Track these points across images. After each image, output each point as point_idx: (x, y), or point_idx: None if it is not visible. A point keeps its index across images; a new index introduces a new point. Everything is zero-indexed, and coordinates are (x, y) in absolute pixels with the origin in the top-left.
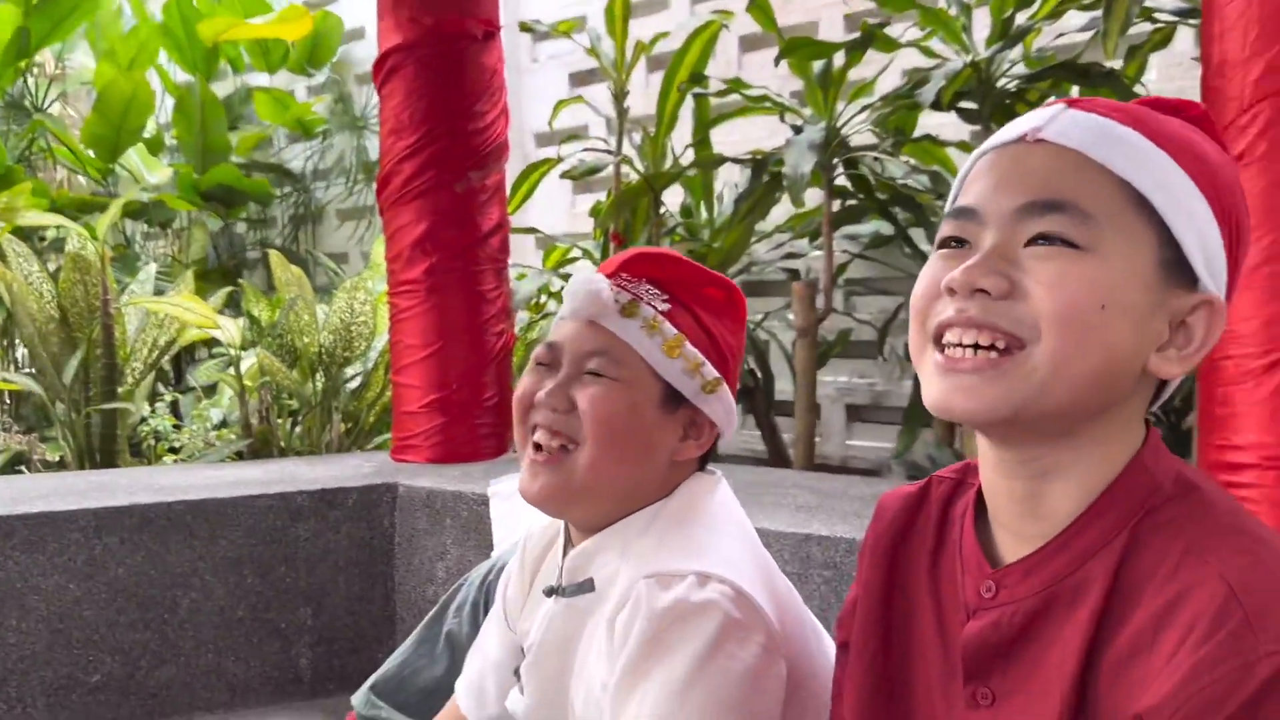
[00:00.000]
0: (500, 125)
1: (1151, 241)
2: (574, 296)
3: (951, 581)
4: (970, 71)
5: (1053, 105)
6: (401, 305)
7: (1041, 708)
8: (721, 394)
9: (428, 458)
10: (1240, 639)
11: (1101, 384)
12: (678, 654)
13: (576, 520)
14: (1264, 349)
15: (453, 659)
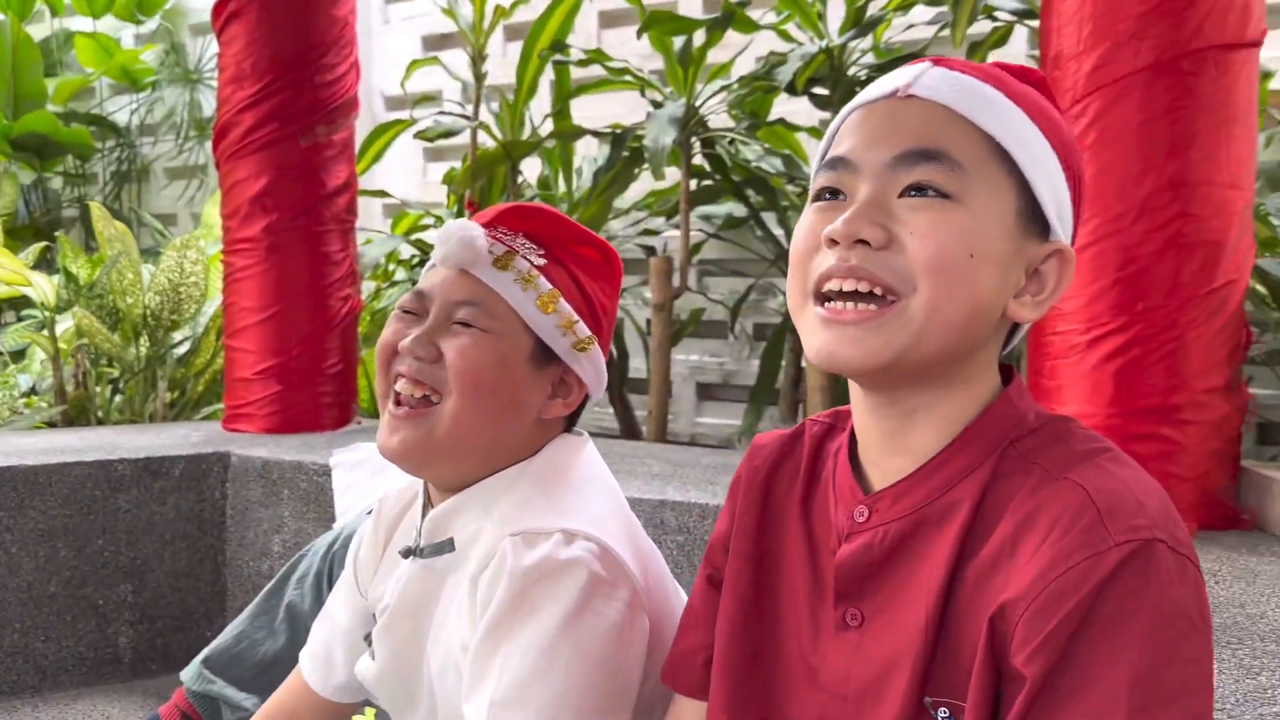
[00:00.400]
0: (350, 79)
1: (1011, 192)
2: (446, 243)
3: (823, 513)
4: (824, 57)
5: (919, 63)
6: (237, 265)
7: (908, 622)
8: (593, 354)
9: (263, 427)
10: (1093, 532)
11: (969, 329)
12: (544, 612)
13: (436, 478)
14: (1087, 326)
15: (293, 631)
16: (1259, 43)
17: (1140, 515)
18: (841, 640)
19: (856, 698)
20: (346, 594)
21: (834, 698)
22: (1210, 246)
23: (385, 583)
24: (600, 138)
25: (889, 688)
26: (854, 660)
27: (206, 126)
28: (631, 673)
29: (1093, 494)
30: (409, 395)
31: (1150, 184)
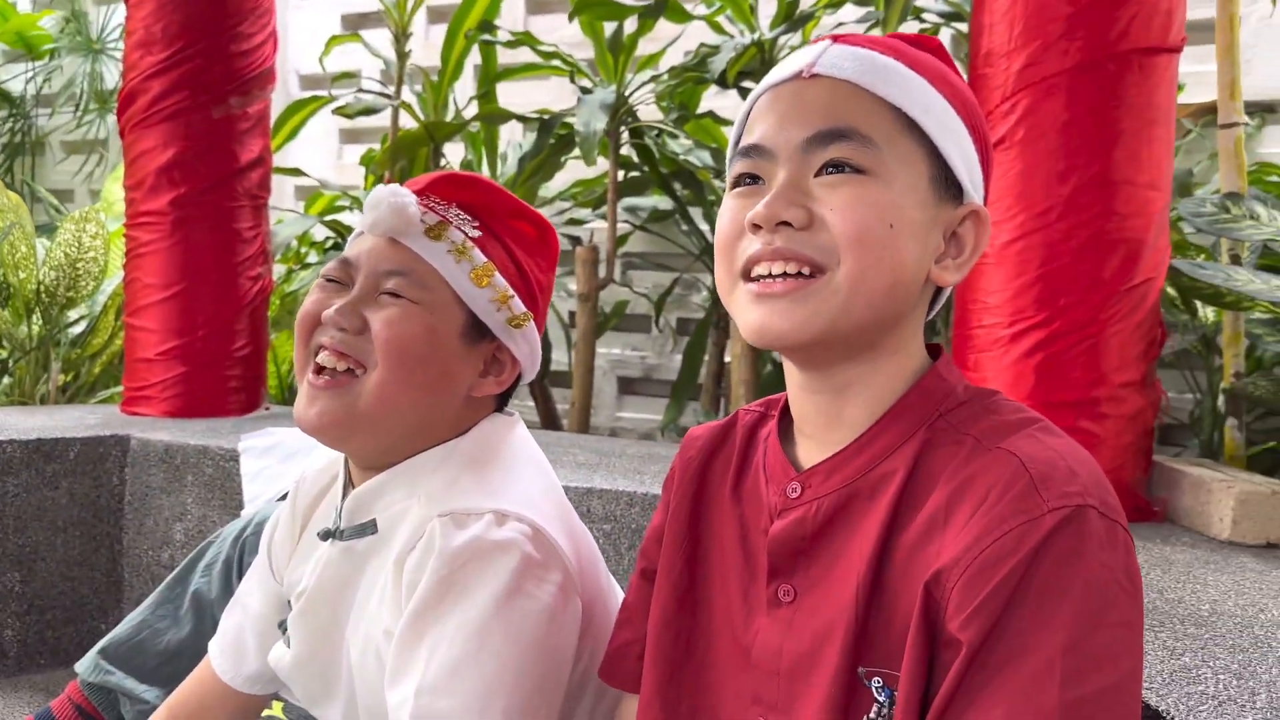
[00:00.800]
0: (267, 50)
1: (923, 161)
2: (375, 208)
3: (755, 495)
4: (755, 50)
5: (818, 43)
6: (141, 239)
7: (840, 594)
8: (528, 331)
9: (165, 411)
10: (1026, 499)
11: (894, 297)
12: (475, 595)
13: (357, 453)
14: (1011, 320)
15: (199, 620)
16: (1179, 49)
17: (1072, 482)
18: (774, 617)
19: (788, 673)
20: (260, 580)
21: (766, 674)
22: (1131, 244)
23: (302, 567)
24: (527, 123)
25: (820, 660)
26: (786, 636)
27: (109, 99)
28: (564, 656)
29: (1026, 462)
30: (332, 367)
31: (1075, 181)
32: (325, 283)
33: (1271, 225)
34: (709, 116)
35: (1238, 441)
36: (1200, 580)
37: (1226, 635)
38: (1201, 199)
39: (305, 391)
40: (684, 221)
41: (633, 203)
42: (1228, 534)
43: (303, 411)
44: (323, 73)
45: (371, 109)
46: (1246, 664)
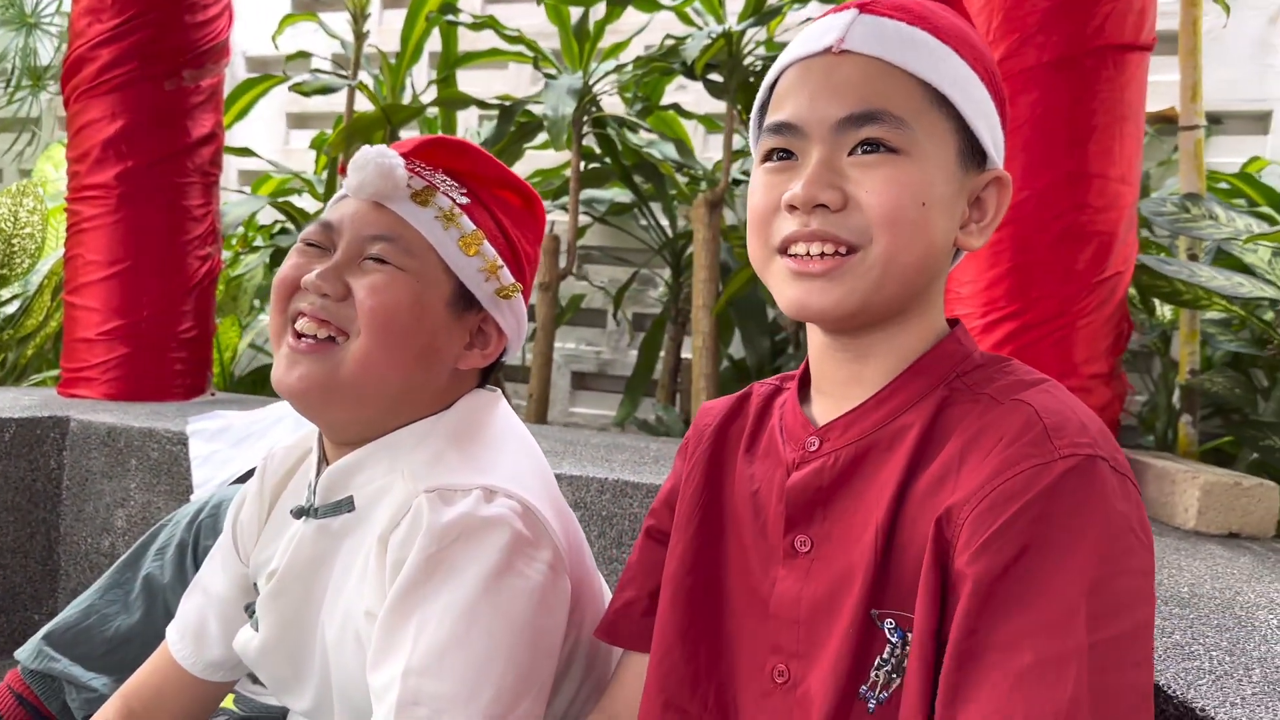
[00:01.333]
0: (223, 23)
1: (951, 134)
2: (361, 170)
3: (769, 453)
4: (723, 42)
5: (844, 11)
6: (84, 213)
7: (857, 541)
8: (515, 303)
9: (105, 393)
10: (1039, 444)
11: (925, 269)
12: (464, 573)
13: (336, 425)
14: (984, 310)
15: (150, 605)
16: (1150, 47)
17: (1084, 434)
18: (792, 567)
19: (808, 619)
20: (224, 561)
21: (786, 623)
22: (1102, 237)
23: (271, 547)
24: (487, 109)
25: (838, 606)
26: (805, 585)
27: (43, 76)
28: (554, 636)
29: (1040, 412)
30: (311, 334)
31: (1049, 174)
32: (305, 247)
33: (1230, 225)
34: (673, 109)
35: (1191, 437)
36: (1175, 565)
37: (1210, 615)
38: (1162, 199)
39: (285, 355)
40: (644, 215)
41: (592, 195)
42: (1193, 524)
43: (282, 375)
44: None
45: (328, 88)
46: (1235, 641)
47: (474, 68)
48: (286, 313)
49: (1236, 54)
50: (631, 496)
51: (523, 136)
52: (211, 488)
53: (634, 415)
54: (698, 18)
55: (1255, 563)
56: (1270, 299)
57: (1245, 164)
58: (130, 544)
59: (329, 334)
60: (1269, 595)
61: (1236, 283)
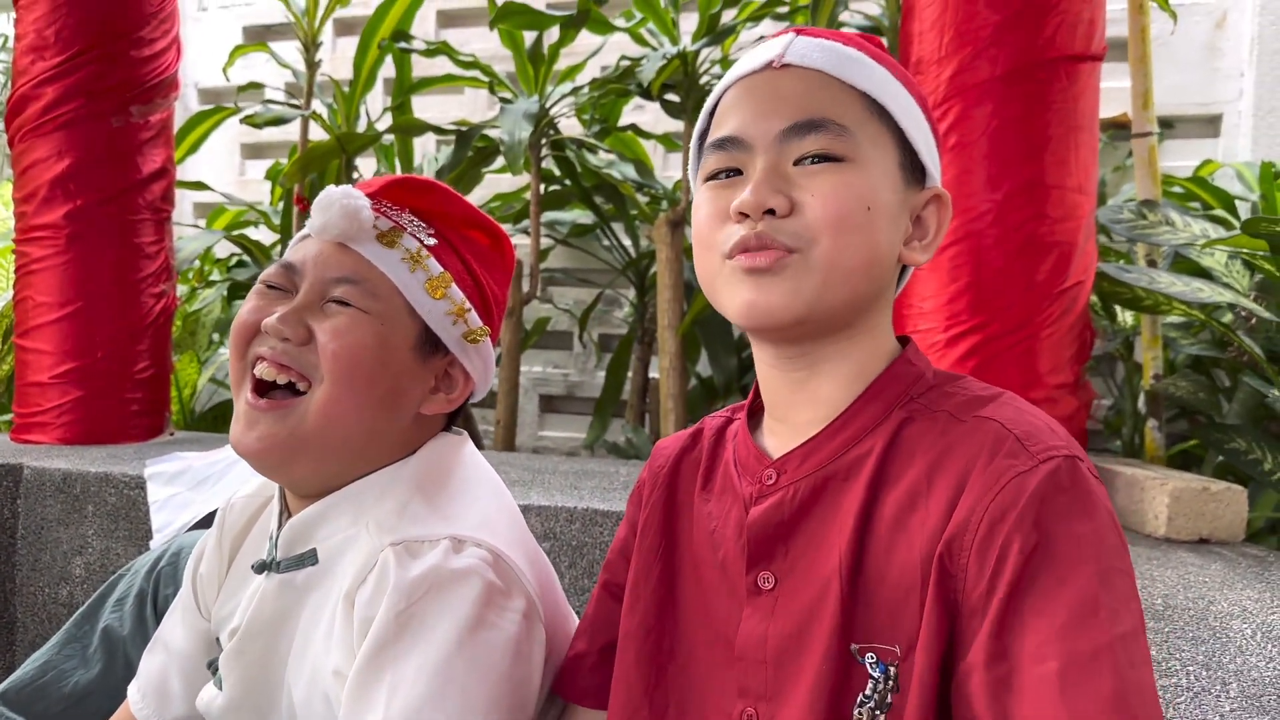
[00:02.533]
0: (170, 57)
1: (892, 146)
2: (326, 210)
3: (725, 490)
4: (678, 62)
5: (783, 34)
6: (33, 255)
7: (821, 574)
8: (483, 346)
9: (60, 438)
10: (1017, 454)
11: (871, 276)
12: (435, 629)
13: (298, 480)
14: (946, 324)
15: (110, 659)
16: (1101, 56)
17: (1056, 438)
18: (756, 606)
19: (774, 659)
20: (184, 616)
21: (752, 664)
22: (1062, 248)
23: (232, 601)
24: (444, 134)
25: (808, 642)
26: (769, 623)
27: None
28: (530, 686)
29: (1007, 424)
30: (271, 380)
31: (1007, 186)
32: (265, 289)
33: (1186, 230)
34: (631, 129)
35: (1158, 442)
36: (1147, 576)
37: (1185, 628)
38: (1119, 206)
39: (244, 413)
40: (606, 236)
41: (553, 217)
42: (1163, 531)
43: (240, 435)
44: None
45: (281, 119)
46: (1210, 654)
47: (429, 93)
48: (246, 358)
49: (1184, 59)
50: (601, 525)
51: (480, 161)
52: (171, 532)
53: (603, 437)
54: (652, 38)
55: (1226, 569)
56: (1229, 302)
57: (1198, 167)
58: (89, 593)
59: (289, 379)
60: (1241, 604)
61: (1196, 288)
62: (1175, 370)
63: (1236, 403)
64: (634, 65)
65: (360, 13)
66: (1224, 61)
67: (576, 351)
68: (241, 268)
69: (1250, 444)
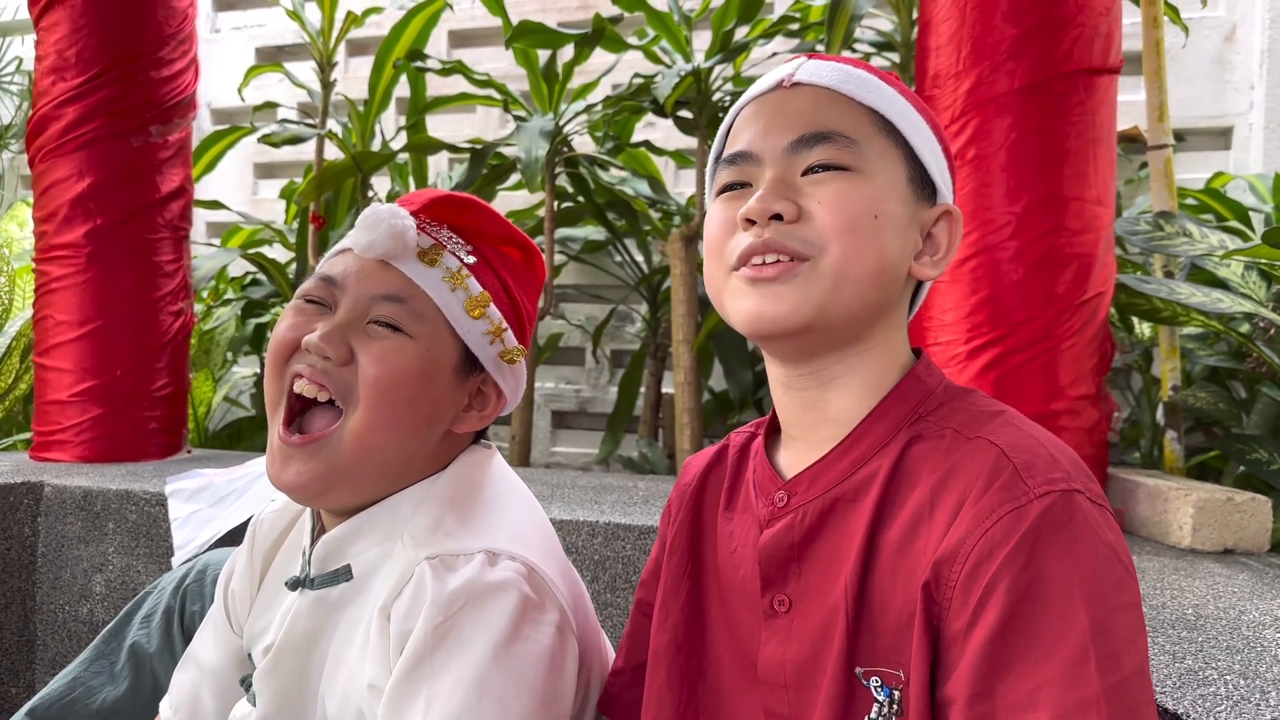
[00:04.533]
0: (189, 78)
1: (900, 160)
2: (373, 229)
3: (745, 509)
4: (691, 80)
5: (794, 59)
6: (53, 274)
7: (830, 599)
8: (518, 365)
9: (79, 456)
10: (1013, 487)
11: (879, 285)
12: (473, 642)
13: (334, 504)
14: (968, 336)
15: (137, 676)
16: (1118, 69)
17: (1055, 469)
18: (773, 629)
19: (794, 683)
20: (216, 632)
21: (774, 688)
22: (1082, 259)
23: (265, 617)
24: (458, 152)
25: (822, 665)
26: (787, 647)
27: (4, 135)
28: (565, 699)
29: (1007, 451)
30: (310, 397)
31: (1026, 199)
32: (304, 304)
33: (1204, 242)
34: (644, 146)
35: (1177, 453)
36: (1175, 587)
37: (1218, 637)
38: (1136, 218)
39: (277, 449)
40: (618, 252)
41: (566, 233)
42: (1188, 542)
43: (277, 473)
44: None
45: (298, 138)
46: (1247, 664)
47: (441, 112)
48: (284, 376)
49: (1195, 72)
50: (623, 539)
51: (494, 179)
52: (193, 549)
53: (616, 452)
54: (665, 56)
55: (1254, 579)
56: (1247, 313)
57: (1210, 179)
58: (110, 610)
59: (328, 397)
60: (1273, 613)
61: (1215, 298)
62: (1192, 382)
63: (1256, 413)
64: (648, 82)
65: (373, 33)
66: (1234, 75)
67: (589, 367)
68: (256, 286)
69: (1272, 454)
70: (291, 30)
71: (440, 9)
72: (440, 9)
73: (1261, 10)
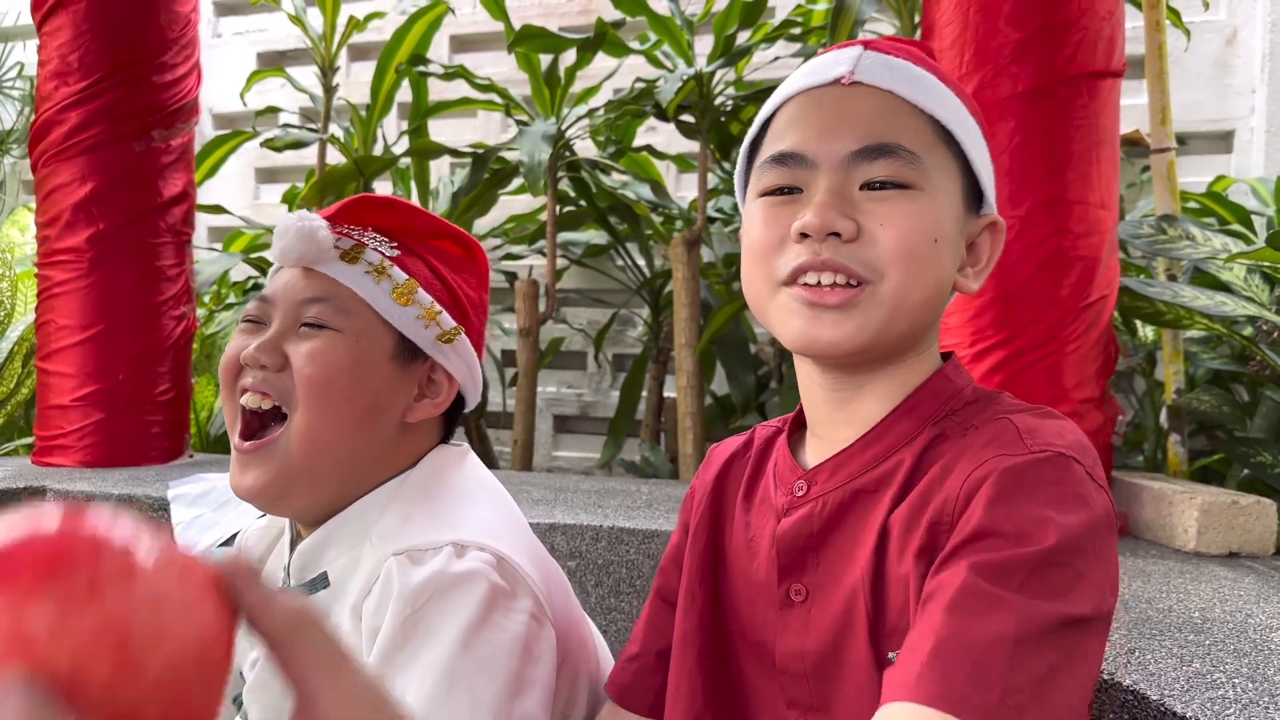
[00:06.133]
0: (191, 82)
1: (957, 174)
2: (283, 236)
3: (763, 499)
4: (693, 84)
5: (850, 47)
6: (55, 278)
7: (848, 589)
8: (460, 345)
9: (81, 460)
10: (1012, 443)
11: (932, 308)
12: (441, 632)
13: (300, 510)
14: (972, 340)
15: None
16: (1121, 73)
17: (1059, 438)
18: (790, 619)
19: (814, 674)
20: None
21: (794, 677)
22: (1086, 262)
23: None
24: (460, 157)
25: (846, 656)
26: (805, 637)
27: (5, 141)
28: (542, 688)
29: (1016, 422)
30: (256, 408)
31: (1029, 202)
32: (246, 325)
33: (1207, 245)
34: (646, 150)
35: (1181, 457)
36: (1181, 590)
37: (1225, 640)
38: (1139, 221)
39: (235, 459)
40: (620, 256)
41: (567, 238)
42: (1193, 545)
43: (237, 481)
44: (237, 111)
45: (300, 143)
46: (1255, 667)
47: (442, 117)
48: (235, 395)
49: (1197, 76)
50: (627, 543)
51: (496, 183)
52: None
53: (618, 457)
54: (666, 60)
55: (1260, 583)
56: (1250, 316)
57: (1212, 183)
58: None
59: (273, 404)
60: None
61: (1219, 301)
62: (1196, 385)
63: (1260, 416)
64: (650, 86)
65: (374, 38)
66: (1235, 78)
67: (590, 371)
68: (258, 290)
69: (1276, 457)
70: (293, 35)
71: (442, 14)
72: (442, 14)
73: (1263, 14)
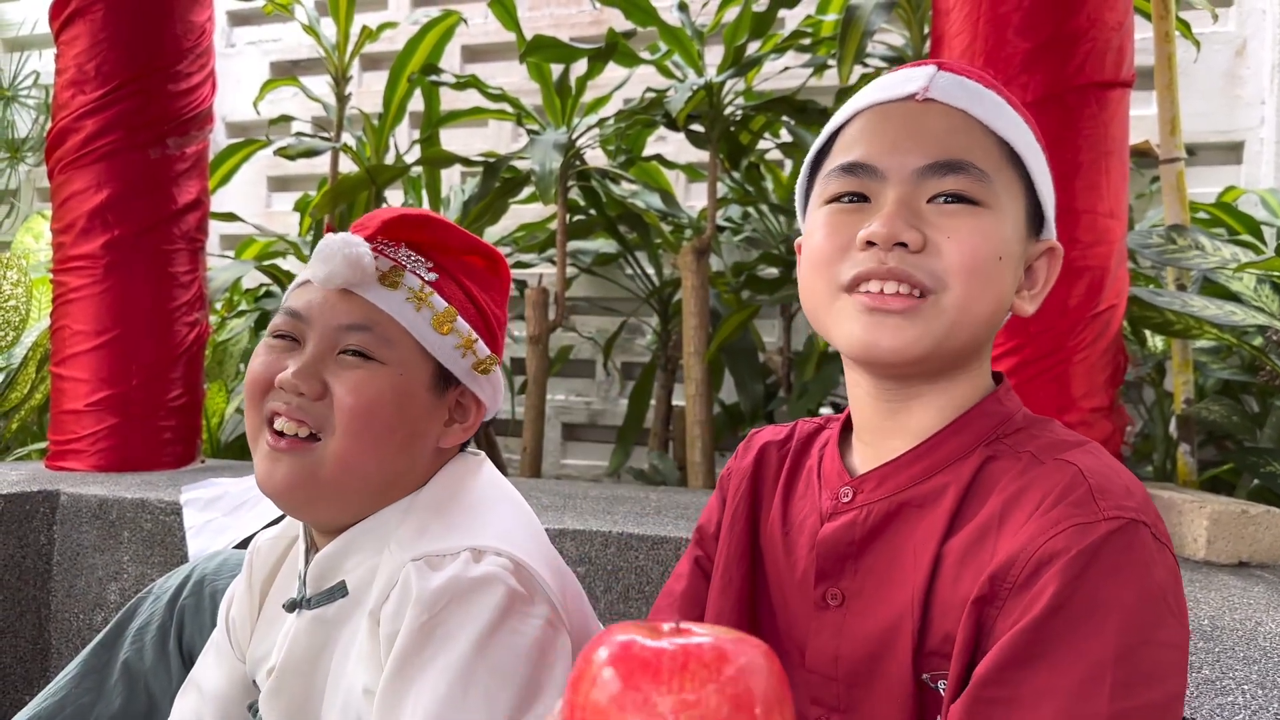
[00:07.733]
0: (206, 91)
1: (1022, 196)
2: (328, 260)
3: (804, 497)
4: (703, 94)
5: (924, 65)
6: (70, 284)
7: (894, 602)
8: (493, 373)
9: (94, 465)
10: (1084, 505)
11: (991, 325)
12: (458, 636)
13: (322, 519)
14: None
15: (131, 693)
16: (1130, 83)
17: (1129, 498)
18: (823, 620)
19: (846, 678)
20: (218, 658)
21: (823, 679)
22: (1094, 272)
23: (267, 641)
24: (471, 166)
25: (882, 668)
26: (840, 641)
27: (20, 148)
28: (558, 694)
29: (1085, 472)
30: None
31: None
32: (274, 340)
33: (1216, 255)
34: (656, 160)
35: (1190, 466)
36: (1191, 599)
37: (1235, 648)
38: (1149, 231)
39: (265, 454)
40: (629, 265)
41: (577, 246)
42: (1203, 554)
43: (266, 476)
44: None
45: (313, 151)
46: (1264, 674)
47: (454, 126)
48: (262, 412)
49: (1207, 87)
50: (636, 550)
51: (507, 192)
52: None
53: (626, 465)
54: (677, 70)
55: (1270, 591)
56: (1260, 326)
57: (1221, 193)
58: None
59: (309, 432)
60: None
61: (1229, 311)
62: (1205, 395)
63: (1269, 426)
64: (660, 96)
65: (387, 48)
66: (1245, 89)
67: (599, 379)
68: (269, 298)
69: None
70: (306, 45)
71: (454, 24)
72: (454, 24)
73: (1272, 26)
